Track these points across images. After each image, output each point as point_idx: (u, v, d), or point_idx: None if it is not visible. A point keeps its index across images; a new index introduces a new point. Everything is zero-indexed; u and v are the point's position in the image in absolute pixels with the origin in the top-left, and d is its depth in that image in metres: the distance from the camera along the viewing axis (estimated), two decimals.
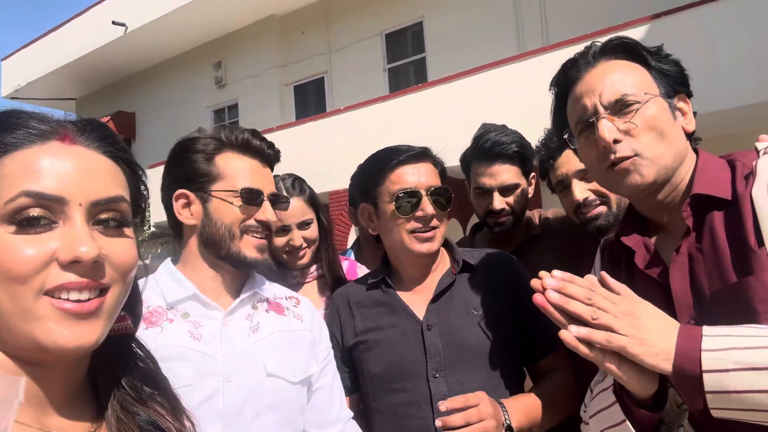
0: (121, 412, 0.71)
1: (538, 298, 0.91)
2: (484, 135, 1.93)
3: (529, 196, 2.00)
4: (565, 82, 1.17)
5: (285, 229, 1.83)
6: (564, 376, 1.49)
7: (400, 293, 1.54)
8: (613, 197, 1.66)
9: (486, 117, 2.38)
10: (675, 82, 1.11)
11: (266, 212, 1.29)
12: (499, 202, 1.89)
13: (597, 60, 1.13)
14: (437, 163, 1.56)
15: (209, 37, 11.72)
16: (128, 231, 0.70)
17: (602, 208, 1.67)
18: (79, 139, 0.68)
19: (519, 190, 1.93)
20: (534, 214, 2.09)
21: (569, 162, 1.70)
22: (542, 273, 0.93)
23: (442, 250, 1.59)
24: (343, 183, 2.87)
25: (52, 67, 12.99)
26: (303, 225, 1.84)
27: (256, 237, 1.29)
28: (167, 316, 1.23)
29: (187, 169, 1.29)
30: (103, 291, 0.65)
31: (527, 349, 1.51)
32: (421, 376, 1.42)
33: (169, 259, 1.37)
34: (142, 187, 0.77)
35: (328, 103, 10.70)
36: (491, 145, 1.88)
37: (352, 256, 2.27)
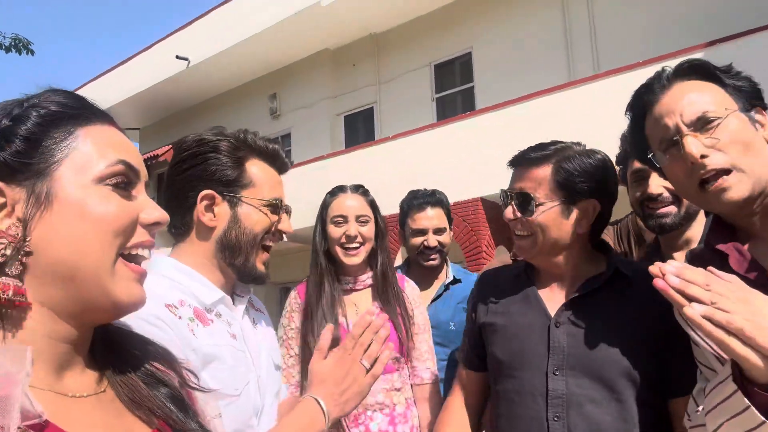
0: (121, 372, 0.74)
1: (659, 282, 0.92)
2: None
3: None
4: (641, 105, 1.20)
5: (344, 219, 1.93)
6: None
7: (538, 285, 1.50)
8: (685, 201, 1.65)
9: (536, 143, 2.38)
10: (750, 96, 1.12)
11: (285, 222, 1.33)
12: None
13: (671, 82, 1.16)
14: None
15: (266, 70, 12.23)
16: None
17: (672, 208, 1.66)
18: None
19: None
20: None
21: None
22: (657, 263, 0.96)
23: (595, 253, 1.50)
24: (391, 209, 2.90)
25: (119, 98, 13.73)
26: (360, 219, 1.94)
27: (266, 252, 1.32)
28: (209, 317, 1.25)
29: (213, 170, 1.26)
30: None
31: (659, 384, 1.37)
32: (540, 370, 1.37)
33: (171, 258, 1.29)
34: None
35: (377, 132, 10.90)
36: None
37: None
